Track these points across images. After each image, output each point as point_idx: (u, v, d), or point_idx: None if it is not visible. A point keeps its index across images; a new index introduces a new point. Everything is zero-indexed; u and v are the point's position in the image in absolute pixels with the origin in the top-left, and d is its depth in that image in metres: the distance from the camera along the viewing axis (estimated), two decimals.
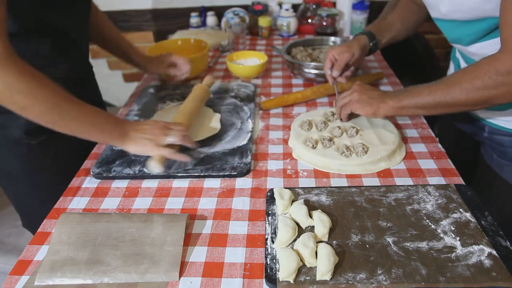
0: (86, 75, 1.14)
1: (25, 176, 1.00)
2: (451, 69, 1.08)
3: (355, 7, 1.60)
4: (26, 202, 1.06)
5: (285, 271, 0.61)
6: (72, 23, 0.97)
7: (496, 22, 0.78)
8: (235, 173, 0.86)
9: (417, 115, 0.84)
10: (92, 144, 1.00)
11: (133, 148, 0.83)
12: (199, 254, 0.69)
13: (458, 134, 1.10)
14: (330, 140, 0.94)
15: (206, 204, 0.80)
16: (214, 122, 1.04)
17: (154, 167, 0.82)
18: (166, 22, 2.04)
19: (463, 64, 0.98)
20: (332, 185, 0.83)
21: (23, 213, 1.12)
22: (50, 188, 0.87)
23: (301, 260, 0.63)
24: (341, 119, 1.00)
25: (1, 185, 1.08)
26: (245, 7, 1.87)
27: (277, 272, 0.62)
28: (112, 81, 2.27)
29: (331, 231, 0.69)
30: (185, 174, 0.86)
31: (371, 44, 1.09)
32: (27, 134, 0.93)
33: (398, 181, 0.83)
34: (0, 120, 0.92)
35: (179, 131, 0.86)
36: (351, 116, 0.99)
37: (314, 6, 1.76)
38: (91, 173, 0.88)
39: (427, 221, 0.70)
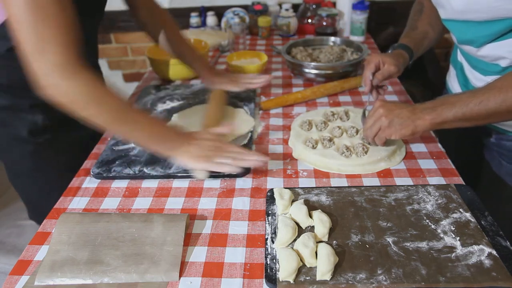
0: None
1: (32, 172, 1.02)
2: (452, 74, 1.06)
3: (355, 7, 1.59)
4: (33, 196, 1.07)
5: (285, 271, 0.61)
6: (89, 32, 0.98)
7: None
8: (235, 173, 0.85)
9: (458, 127, 0.77)
10: (94, 140, 1.01)
11: (186, 162, 0.82)
12: (199, 254, 0.69)
13: (459, 134, 1.07)
14: (330, 140, 0.94)
15: (206, 204, 0.80)
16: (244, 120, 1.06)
17: (200, 174, 0.83)
18: None
19: (467, 68, 0.95)
20: (332, 185, 0.83)
21: (31, 206, 1.14)
22: (57, 182, 0.87)
23: (301, 260, 0.63)
24: (369, 143, 0.91)
25: (10, 179, 1.09)
26: (245, 7, 1.87)
27: (277, 272, 0.62)
28: (112, 81, 2.26)
29: (331, 231, 0.69)
30: (185, 174, 0.86)
31: (410, 62, 1.00)
32: (32, 134, 0.94)
33: (398, 181, 0.83)
34: (3, 116, 0.92)
35: (235, 158, 0.82)
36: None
37: (314, 6, 1.76)
38: (91, 173, 0.88)
39: (427, 221, 0.70)
